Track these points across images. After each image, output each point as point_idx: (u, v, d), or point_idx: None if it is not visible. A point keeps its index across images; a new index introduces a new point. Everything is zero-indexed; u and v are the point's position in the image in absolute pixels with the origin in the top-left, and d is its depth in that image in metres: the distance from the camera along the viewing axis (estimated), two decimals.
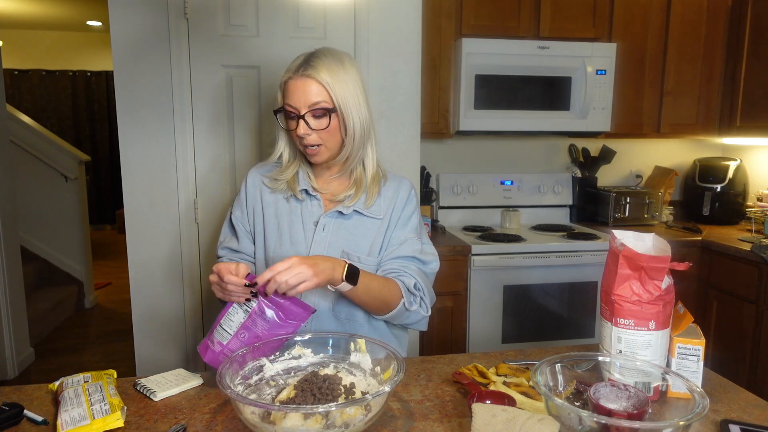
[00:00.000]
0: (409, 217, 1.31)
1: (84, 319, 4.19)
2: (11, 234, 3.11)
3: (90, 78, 7.28)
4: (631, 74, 2.76)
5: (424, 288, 1.26)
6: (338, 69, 1.18)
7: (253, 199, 1.34)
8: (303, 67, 1.17)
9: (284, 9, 2.02)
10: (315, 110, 1.17)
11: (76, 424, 0.92)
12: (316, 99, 1.17)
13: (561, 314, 2.53)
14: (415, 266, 1.28)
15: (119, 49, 1.92)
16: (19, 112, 4.31)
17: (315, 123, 1.19)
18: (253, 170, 1.37)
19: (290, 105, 1.19)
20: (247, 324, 1.09)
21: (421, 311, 1.25)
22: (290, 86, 1.18)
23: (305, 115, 1.17)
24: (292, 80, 1.18)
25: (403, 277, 1.24)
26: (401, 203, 1.31)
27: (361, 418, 0.88)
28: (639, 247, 1.05)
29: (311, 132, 1.19)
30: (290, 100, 1.18)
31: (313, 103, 1.17)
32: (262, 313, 1.09)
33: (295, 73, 1.17)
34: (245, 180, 1.36)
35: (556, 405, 0.83)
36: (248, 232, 1.35)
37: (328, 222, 1.26)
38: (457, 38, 2.57)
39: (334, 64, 1.18)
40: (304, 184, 1.29)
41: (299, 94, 1.17)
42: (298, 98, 1.17)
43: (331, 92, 1.17)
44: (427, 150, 2.90)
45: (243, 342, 1.08)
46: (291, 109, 1.19)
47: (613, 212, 2.86)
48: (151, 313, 2.06)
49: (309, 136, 1.19)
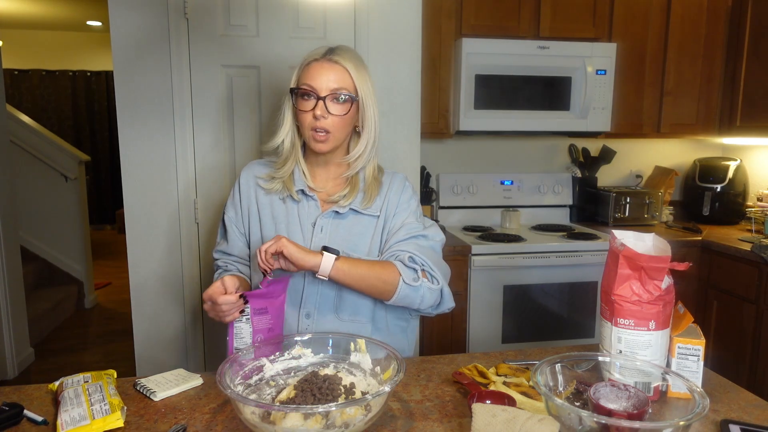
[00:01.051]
0: (406, 203, 1.29)
1: (84, 319, 4.19)
2: (11, 234, 3.11)
3: (90, 78, 7.28)
4: (631, 74, 2.76)
5: (426, 261, 1.21)
6: (360, 65, 1.23)
7: (247, 200, 1.32)
8: (330, 53, 1.20)
9: (284, 9, 2.02)
10: (337, 95, 1.18)
11: (76, 424, 0.92)
12: (340, 84, 1.19)
13: (561, 314, 2.53)
14: (413, 243, 1.23)
15: (119, 49, 1.92)
16: (19, 112, 4.32)
17: (334, 108, 1.19)
18: (246, 170, 1.34)
19: (310, 86, 1.18)
20: (255, 328, 1.10)
21: (431, 285, 1.20)
22: (314, 67, 1.19)
23: (326, 97, 1.18)
24: (318, 62, 1.19)
25: (398, 254, 1.22)
26: (395, 195, 1.30)
27: (361, 418, 0.88)
28: (639, 247, 1.05)
29: (327, 116, 1.19)
30: (311, 81, 1.18)
31: (336, 87, 1.18)
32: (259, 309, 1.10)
33: (321, 57, 1.20)
34: (238, 180, 1.34)
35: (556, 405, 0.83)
36: (242, 234, 1.34)
37: (325, 223, 1.26)
38: (457, 38, 2.57)
39: (357, 60, 1.23)
40: (301, 184, 1.28)
41: (324, 77, 1.18)
42: (321, 80, 1.18)
43: (356, 81, 1.20)
44: (427, 150, 2.90)
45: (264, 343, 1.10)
46: (310, 89, 1.18)
47: (613, 212, 2.86)
48: (151, 313, 2.06)
49: (324, 119, 1.18)
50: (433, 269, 1.21)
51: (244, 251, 1.35)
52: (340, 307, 1.27)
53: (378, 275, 1.16)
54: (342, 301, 1.26)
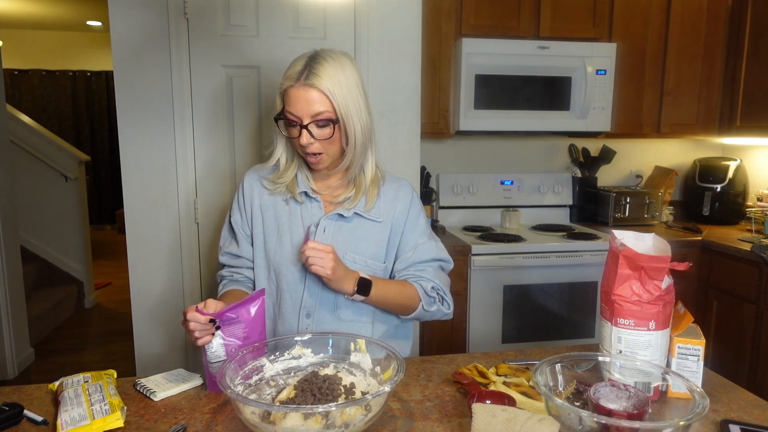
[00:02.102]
0: (416, 219, 1.32)
1: (84, 319, 4.19)
2: (11, 234, 3.11)
3: (90, 78, 7.28)
4: (631, 74, 2.76)
5: (442, 287, 1.30)
6: (340, 75, 1.15)
7: (251, 203, 1.32)
8: (305, 75, 1.14)
9: (284, 9, 2.02)
10: (318, 120, 1.16)
11: (76, 424, 0.92)
12: (320, 109, 1.15)
13: (561, 314, 2.53)
14: (432, 268, 1.31)
15: (119, 49, 1.92)
16: (19, 112, 4.32)
17: (318, 132, 1.17)
18: (250, 172, 1.35)
19: (292, 114, 1.16)
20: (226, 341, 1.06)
21: (443, 309, 1.30)
22: (292, 94, 1.15)
23: (308, 125, 1.16)
24: (294, 89, 1.14)
25: (422, 281, 1.28)
26: (404, 206, 1.31)
27: (361, 418, 0.88)
28: (639, 247, 1.05)
29: (314, 141, 1.17)
30: (292, 109, 1.15)
31: (317, 113, 1.15)
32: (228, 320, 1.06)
33: (296, 81, 1.14)
34: (242, 183, 1.34)
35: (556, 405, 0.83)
36: (248, 236, 1.34)
37: (328, 224, 1.26)
38: (457, 38, 2.57)
39: (335, 70, 1.15)
40: (304, 186, 1.28)
41: (302, 104, 1.14)
42: (300, 107, 1.14)
43: (334, 102, 1.14)
44: (427, 150, 2.90)
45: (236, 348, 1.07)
46: (293, 117, 1.16)
47: (613, 212, 2.86)
48: (151, 313, 2.06)
49: (312, 145, 1.18)
50: (447, 295, 1.31)
51: (251, 253, 1.34)
52: (339, 307, 1.27)
53: (401, 302, 1.26)
54: (341, 302, 1.26)
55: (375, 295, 1.20)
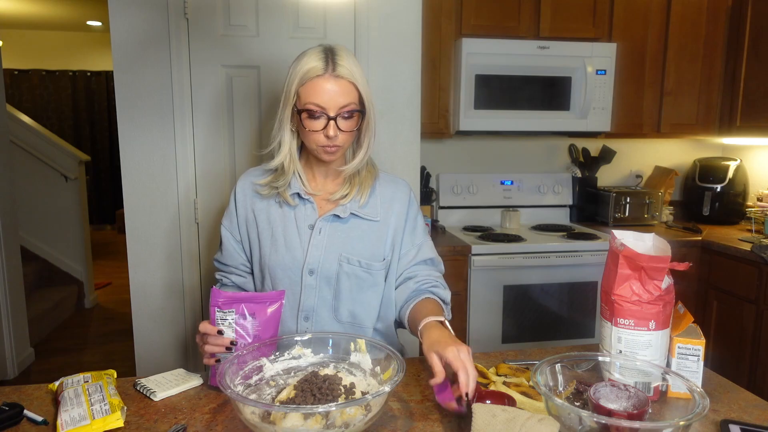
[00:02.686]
0: (415, 220, 1.33)
1: (84, 319, 4.19)
2: (11, 234, 3.11)
3: (90, 78, 7.28)
4: (631, 74, 2.76)
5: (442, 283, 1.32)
6: (358, 68, 1.17)
7: (244, 209, 1.30)
8: (332, 67, 1.12)
9: (284, 9, 2.02)
10: (345, 112, 1.15)
11: (76, 424, 0.92)
12: (348, 100, 1.14)
13: (561, 314, 2.53)
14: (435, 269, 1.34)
15: (119, 49, 1.92)
16: (19, 112, 4.31)
17: (344, 124, 1.16)
18: (242, 179, 1.33)
19: (318, 105, 1.13)
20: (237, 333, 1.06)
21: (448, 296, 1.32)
22: (319, 85, 1.12)
23: (337, 116, 1.14)
24: (322, 79, 1.12)
25: (438, 290, 1.28)
26: (403, 206, 1.30)
27: (361, 418, 0.88)
28: (639, 247, 1.05)
29: (338, 133, 1.16)
30: (318, 100, 1.13)
31: (345, 104, 1.14)
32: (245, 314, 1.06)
33: (324, 72, 1.12)
34: (234, 190, 1.32)
35: (556, 405, 0.83)
36: (238, 242, 1.32)
37: (324, 225, 1.25)
38: (457, 38, 2.57)
39: (354, 63, 1.16)
40: (296, 188, 1.25)
41: (331, 95, 1.12)
42: (329, 98, 1.13)
43: (362, 93, 1.16)
44: (427, 150, 2.90)
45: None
46: (319, 109, 1.13)
47: (613, 212, 2.86)
48: (151, 313, 2.06)
49: (337, 138, 1.16)
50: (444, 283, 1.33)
51: (238, 261, 1.33)
52: (337, 310, 1.27)
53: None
54: (340, 304, 1.26)
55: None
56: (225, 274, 1.36)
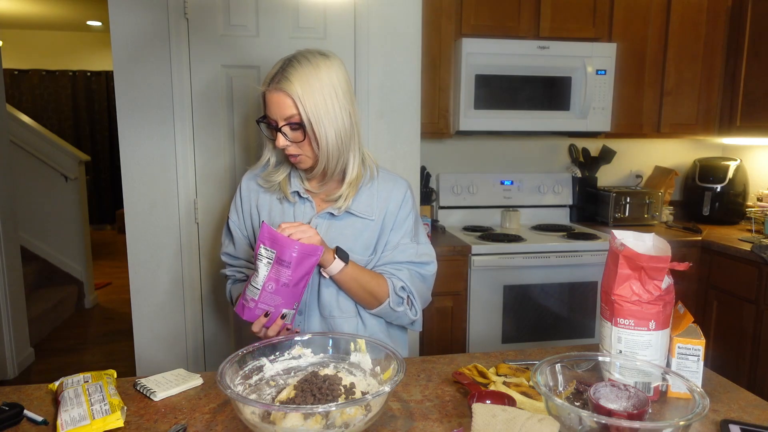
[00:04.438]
0: (403, 220, 1.30)
1: (84, 319, 4.19)
2: (11, 234, 3.11)
3: (90, 78, 7.28)
4: (631, 74, 2.76)
5: (413, 292, 1.27)
6: (312, 78, 1.15)
7: (248, 204, 1.35)
8: (276, 79, 1.16)
9: (284, 9, 2.02)
10: (290, 123, 1.17)
11: (76, 424, 0.92)
12: (290, 112, 1.16)
13: (561, 314, 2.53)
14: (408, 271, 1.29)
15: (119, 49, 1.92)
16: (19, 112, 4.31)
17: (291, 135, 1.19)
18: (247, 175, 1.38)
19: (267, 116, 1.20)
20: (271, 275, 1.09)
21: (409, 314, 1.28)
22: (267, 98, 1.18)
23: (282, 127, 1.18)
24: (268, 92, 1.18)
25: (393, 279, 1.26)
26: (395, 206, 1.30)
27: (361, 418, 0.87)
28: (639, 247, 1.05)
29: (290, 143, 1.19)
30: (268, 112, 1.19)
31: (288, 116, 1.16)
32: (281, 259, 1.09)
33: (269, 85, 1.17)
34: (240, 185, 1.37)
35: (556, 405, 0.83)
36: (245, 237, 1.37)
37: (319, 222, 1.27)
38: (457, 38, 2.57)
39: (307, 73, 1.15)
40: (296, 186, 1.30)
41: (274, 107, 1.17)
42: (274, 110, 1.17)
43: (300, 106, 1.14)
44: (427, 150, 2.90)
45: (271, 293, 1.09)
46: (270, 120, 1.20)
47: (613, 212, 2.86)
48: (151, 313, 2.06)
49: (288, 147, 1.20)
50: (415, 300, 1.29)
51: (249, 254, 1.37)
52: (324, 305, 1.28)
53: (371, 290, 1.24)
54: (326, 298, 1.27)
55: (352, 270, 1.20)
56: (238, 268, 1.39)
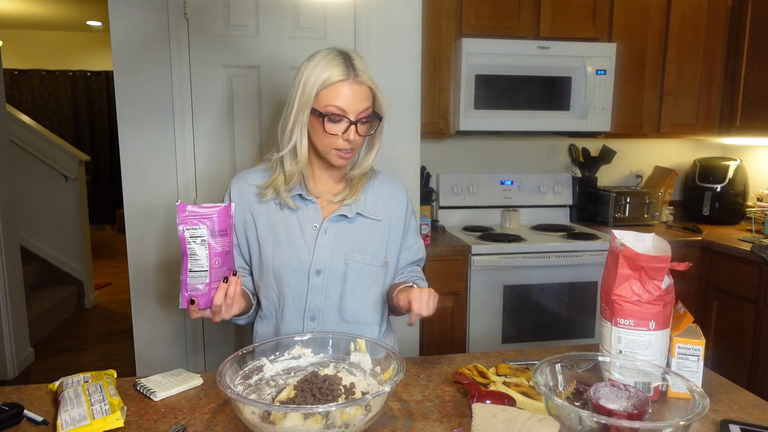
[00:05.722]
0: (411, 221, 1.38)
1: (84, 319, 4.19)
2: (11, 234, 3.11)
3: (90, 78, 7.28)
4: (631, 74, 2.76)
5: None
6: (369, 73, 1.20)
7: (242, 212, 1.27)
8: (352, 72, 1.15)
9: (284, 9, 2.02)
10: (364, 117, 1.18)
11: (76, 424, 0.92)
12: (367, 105, 1.18)
13: (561, 314, 2.53)
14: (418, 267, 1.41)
15: (119, 49, 1.92)
16: (19, 112, 4.31)
17: (363, 129, 1.19)
18: (236, 181, 1.29)
19: (340, 109, 1.14)
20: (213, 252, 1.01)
21: None
22: (341, 89, 1.14)
23: (357, 121, 1.16)
24: (346, 84, 1.14)
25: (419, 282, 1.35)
26: (401, 208, 1.33)
27: (361, 418, 0.88)
28: (639, 247, 1.05)
29: (357, 137, 1.18)
30: (341, 104, 1.14)
31: (364, 109, 1.17)
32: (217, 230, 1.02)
33: (347, 77, 1.14)
34: (228, 193, 1.28)
35: (556, 405, 0.83)
36: (235, 245, 1.29)
37: (330, 226, 1.25)
38: (457, 38, 2.57)
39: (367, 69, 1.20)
40: (298, 190, 1.25)
41: (352, 99, 1.15)
42: (350, 103, 1.15)
43: (378, 98, 1.21)
44: (427, 150, 2.89)
45: (218, 267, 1.03)
46: (341, 113, 1.15)
47: (613, 212, 2.86)
48: (151, 313, 2.06)
49: (356, 141, 1.18)
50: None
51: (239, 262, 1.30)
52: (343, 309, 1.27)
53: None
54: (346, 303, 1.26)
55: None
56: None
